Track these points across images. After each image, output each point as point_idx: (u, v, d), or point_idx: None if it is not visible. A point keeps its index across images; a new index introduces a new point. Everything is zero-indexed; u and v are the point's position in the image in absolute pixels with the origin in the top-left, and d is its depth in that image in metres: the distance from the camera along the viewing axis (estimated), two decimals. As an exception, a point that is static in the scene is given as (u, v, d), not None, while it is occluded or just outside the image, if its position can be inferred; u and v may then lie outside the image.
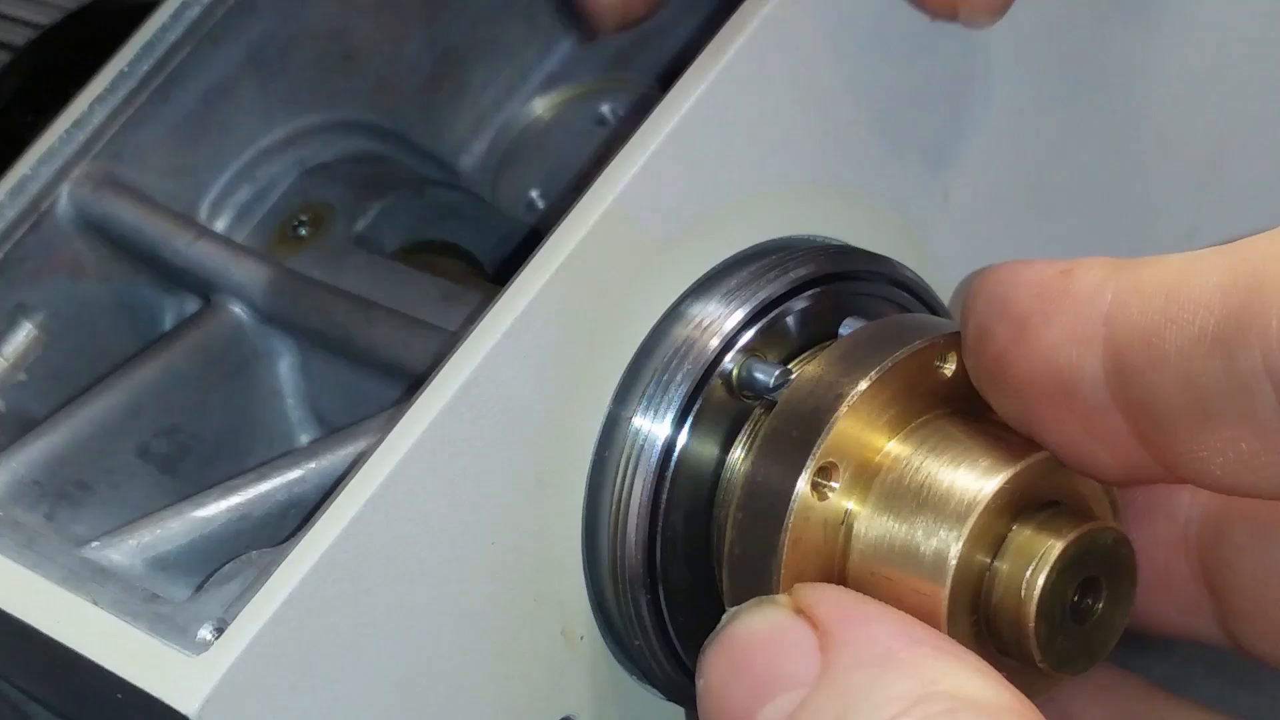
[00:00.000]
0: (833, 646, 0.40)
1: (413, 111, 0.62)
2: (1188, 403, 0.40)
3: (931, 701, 0.38)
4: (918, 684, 0.39)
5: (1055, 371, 0.43)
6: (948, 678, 0.39)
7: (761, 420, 0.47)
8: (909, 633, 0.41)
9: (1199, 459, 0.41)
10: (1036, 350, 0.43)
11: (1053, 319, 0.42)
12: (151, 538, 0.48)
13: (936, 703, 0.38)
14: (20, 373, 0.56)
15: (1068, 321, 0.42)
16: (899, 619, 0.41)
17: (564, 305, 0.46)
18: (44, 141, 0.56)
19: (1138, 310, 0.41)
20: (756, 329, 0.48)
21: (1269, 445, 0.40)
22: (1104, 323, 0.42)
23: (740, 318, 0.48)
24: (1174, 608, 0.48)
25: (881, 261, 0.50)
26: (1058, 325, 0.42)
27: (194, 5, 0.57)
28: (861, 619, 0.41)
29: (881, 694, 0.39)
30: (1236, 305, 0.39)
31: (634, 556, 0.47)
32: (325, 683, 0.44)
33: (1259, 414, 0.39)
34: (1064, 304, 0.42)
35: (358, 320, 0.53)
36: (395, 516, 0.44)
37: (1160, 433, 0.41)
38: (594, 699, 0.49)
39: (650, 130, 0.47)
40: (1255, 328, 0.39)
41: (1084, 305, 0.42)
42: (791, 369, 0.47)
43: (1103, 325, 0.42)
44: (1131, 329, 0.41)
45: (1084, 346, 0.42)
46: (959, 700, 0.38)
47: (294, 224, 0.58)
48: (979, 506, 0.44)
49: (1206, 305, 0.40)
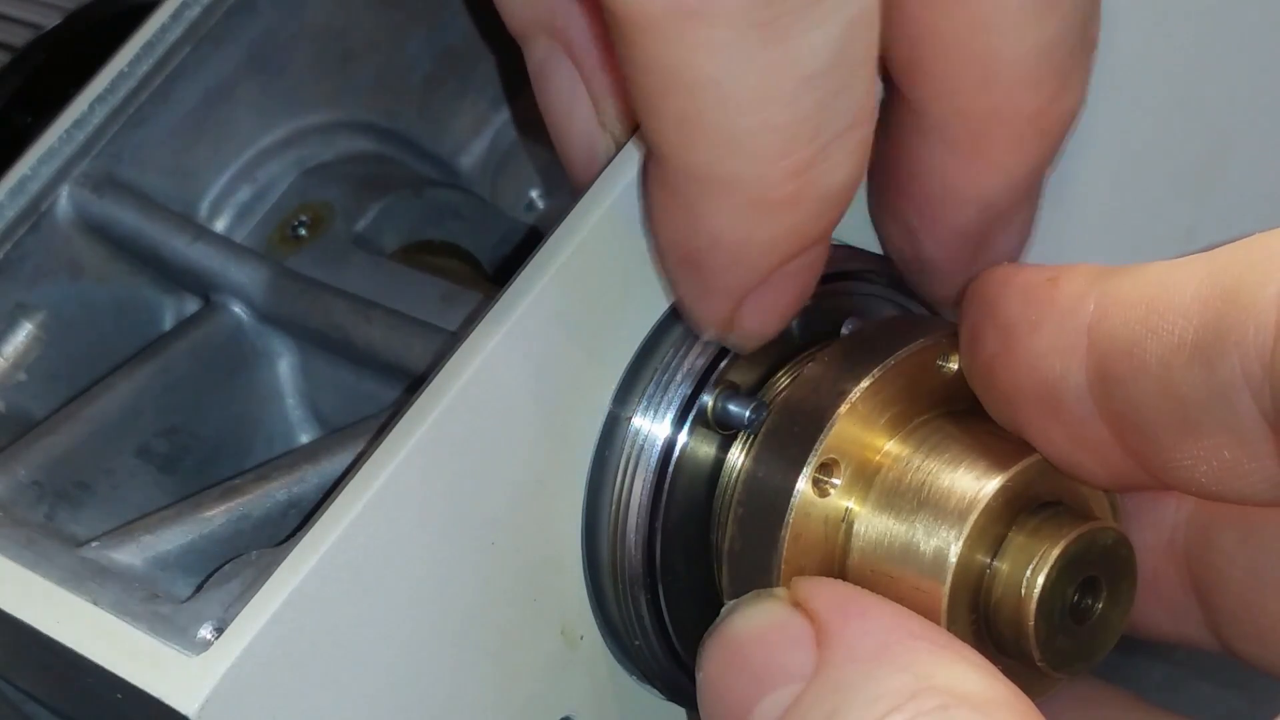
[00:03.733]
0: (829, 640, 0.41)
1: (413, 111, 0.62)
2: (1170, 412, 0.41)
3: (925, 697, 0.38)
4: (912, 679, 0.39)
5: (1040, 381, 0.43)
6: (942, 672, 0.39)
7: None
8: (905, 626, 0.41)
9: (1183, 467, 0.41)
10: (1023, 359, 0.43)
11: (1038, 328, 0.43)
12: (151, 538, 0.48)
13: (929, 698, 0.38)
14: (20, 373, 0.56)
15: (1052, 331, 0.42)
16: (895, 613, 0.41)
17: (564, 305, 0.46)
18: (44, 141, 0.56)
19: (1119, 321, 0.41)
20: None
21: (1251, 452, 0.40)
22: (1087, 333, 0.42)
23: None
24: (1163, 613, 0.48)
25: (882, 262, 0.50)
26: (1042, 335, 0.43)
27: (194, 5, 0.57)
28: (858, 613, 0.41)
29: (875, 689, 0.39)
30: (1215, 314, 0.39)
31: (634, 556, 0.47)
32: (325, 682, 0.44)
33: (1239, 422, 0.40)
34: (1049, 313, 0.43)
35: (357, 320, 0.53)
36: (395, 517, 0.44)
37: (1144, 441, 0.42)
38: (594, 699, 0.49)
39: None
40: (1233, 336, 0.39)
41: (1067, 316, 0.42)
42: (766, 401, 0.47)
43: (1085, 336, 0.42)
44: (1113, 340, 0.41)
45: (1068, 357, 0.42)
46: (953, 695, 0.38)
47: (293, 224, 0.58)
48: (979, 505, 0.44)
49: (1185, 315, 0.40)
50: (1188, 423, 0.41)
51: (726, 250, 0.43)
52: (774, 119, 0.40)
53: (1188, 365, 0.40)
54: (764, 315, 0.45)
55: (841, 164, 0.42)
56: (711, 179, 0.42)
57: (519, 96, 0.63)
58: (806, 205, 0.42)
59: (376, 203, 0.58)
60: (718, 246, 0.43)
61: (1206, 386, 0.40)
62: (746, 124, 0.40)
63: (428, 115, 0.62)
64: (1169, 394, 0.40)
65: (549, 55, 0.48)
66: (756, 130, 0.41)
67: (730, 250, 0.43)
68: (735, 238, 0.43)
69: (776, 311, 0.45)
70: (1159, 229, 0.59)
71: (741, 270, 0.44)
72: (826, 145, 0.41)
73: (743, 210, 0.42)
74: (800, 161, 0.41)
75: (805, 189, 0.42)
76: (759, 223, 0.42)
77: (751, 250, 0.43)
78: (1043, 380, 0.43)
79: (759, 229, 0.42)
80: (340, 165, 0.60)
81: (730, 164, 0.41)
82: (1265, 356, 0.39)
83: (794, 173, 0.41)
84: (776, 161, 0.41)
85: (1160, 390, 0.41)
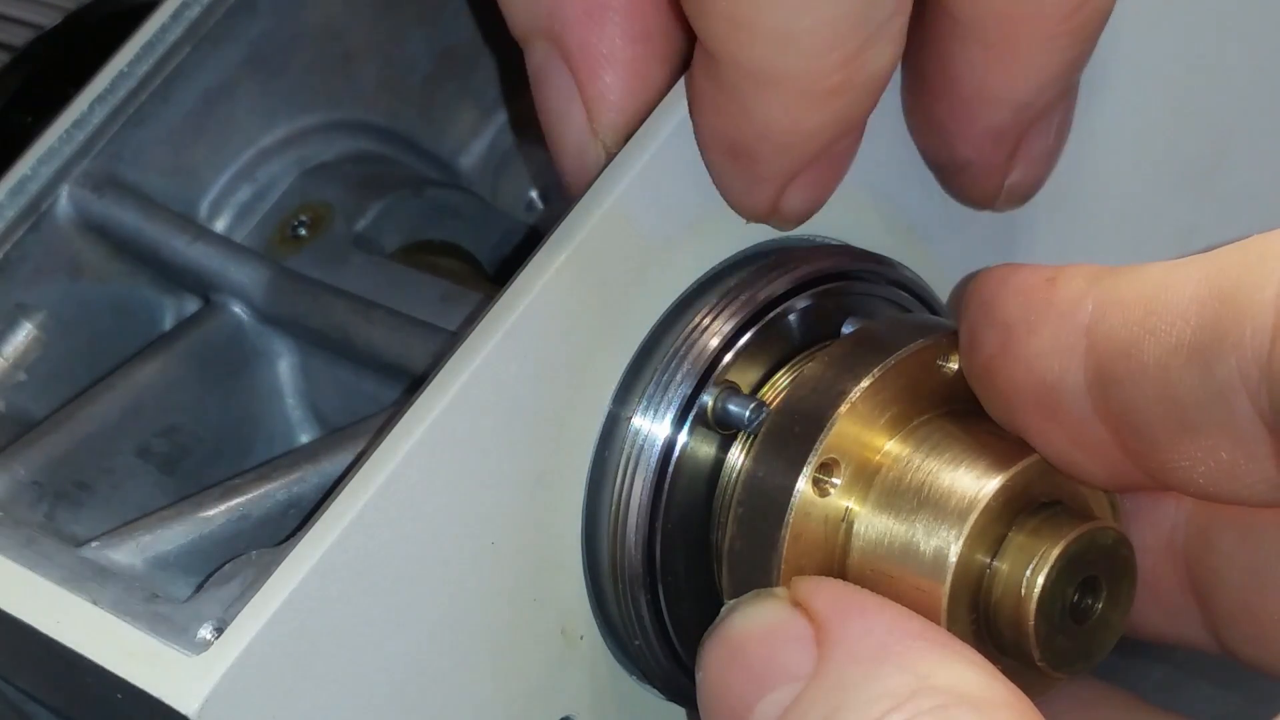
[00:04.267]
0: (828, 640, 0.41)
1: (413, 111, 0.62)
2: (1167, 413, 0.41)
3: (924, 696, 0.38)
4: (911, 679, 0.39)
5: (1039, 381, 0.43)
6: (941, 672, 0.39)
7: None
8: (905, 626, 0.41)
9: (1181, 468, 0.41)
10: (1021, 359, 0.43)
11: (1036, 329, 0.43)
12: (151, 538, 0.48)
13: (929, 698, 0.38)
14: (20, 373, 0.56)
15: (1050, 332, 0.43)
16: (895, 612, 0.41)
17: (564, 305, 0.46)
18: (44, 141, 0.56)
19: (1117, 322, 0.41)
20: (756, 329, 0.48)
21: (1248, 454, 0.40)
22: (1085, 334, 0.42)
23: (740, 318, 0.48)
24: (1162, 613, 0.48)
25: (882, 262, 0.50)
26: (1041, 335, 0.43)
27: (194, 5, 0.57)
28: (858, 612, 0.41)
29: (874, 689, 0.39)
30: (1212, 316, 0.39)
31: (634, 556, 0.47)
32: (325, 682, 0.44)
33: (1237, 423, 0.40)
34: (1047, 314, 0.43)
35: (357, 320, 0.53)
36: (395, 516, 0.44)
37: (1142, 442, 0.42)
38: (594, 699, 0.49)
39: (651, 131, 0.47)
40: (1230, 338, 0.39)
41: (1066, 317, 0.42)
42: (766, 402, 0.47)
43: (1084, 337, 0.42)
44: (1111, 341, 0.41)
45: (1066, 357, 0.42)
46: (952, 695, 0.38)
47: (293, 224, 0.58)
48: (979, 505, 0.44)
49: (1183, 316, 0.40)
50: (1185, 424, 0.41)
51: (775, 139, 0.45)
52: (826, 12, 0.42)
53: (1185, 367, 0.40)
54: (807, 196, 0.47)
55: (884, 50, 0.44)
56: (762, 73, 0.43)
57: (519, 97, 0.63)
58: (853, 92, 0.44)
59: (376, 203, 0.58)
60: (766, 136, 0.45)
61: (1204, 388, 0.40)
62: (800, 22, 0.42)
63: (428, 115, 0.62)
64: (1167, 395, 0.41)
65: (547, 59, 0.49)
66: (809, 26, 0.42)
67: (778, 138, 0.45)
68: (783, 127, 0.45)
69: (818, 191, 0.47)
70: (1159, 229, 0.59)
71: (788, 157, 0.46)
72: (872, 34, 0.43)
73: (792, 100, 0.44)
74: (848, 53, 0.43)
75: (852, 77, 0.43)
76: (807, 111, 0.44)
77: (798, 137, 0.45)
78: (1041, 380, 0.43)
79: (807, 117, 0.44)
80: (340, 165, 0.60)
81: (782, 60, 0.43)
82: (1262, 359, 0.39)
83: (842, 63, 0.43)
84: (826, 55, 0.43)
85: (1158, 391, 0.41)
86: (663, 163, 0.47)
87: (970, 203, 0.52)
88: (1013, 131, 0.49)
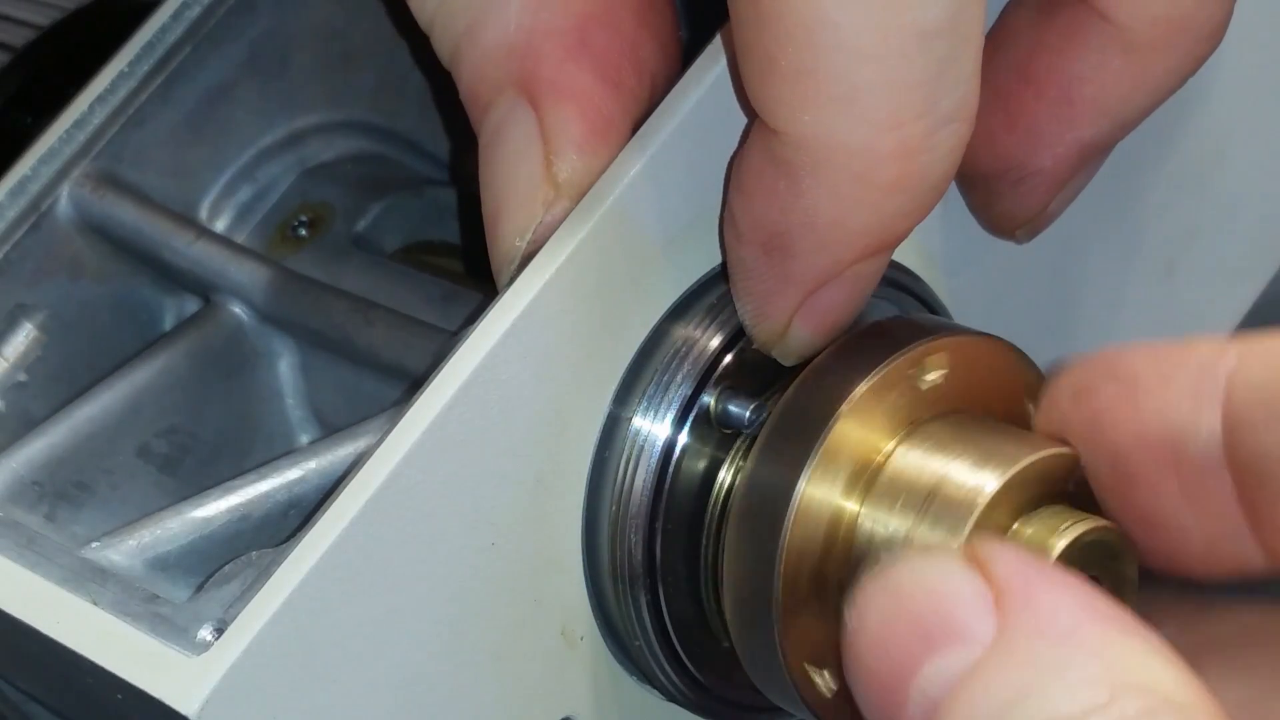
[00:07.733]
0: (1011, 608, 0.37)
1: (413, 111, 0.62)
2: None
3: (1128, 698, 0.36)
4: (1110, 672, 0.36)
5: (1166, 428, 0.42)
6: (1138, 666, 0.36)
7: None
8: (1095, 606, 0.37)
9: None
10: (1147, 407, 0.43)
11: (1171, 378, 0.42)
12: (151, 538, 0.48)
13: (1132, 699, 0.36)
14: (20, 373, 0.56)
15: (1188, 380, 0.42)
16: (1083, 589, 0.38)
17: (564, 305, 0.46)
18: (44, 141, 0.56)
19: (1261, 367, 0.41)
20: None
21: None
22: (1225, 381, 0.42)
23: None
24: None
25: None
26: (1177, 384, 0.42)
27: (194, 5, 0.57)
28: (1044, 584, 0.38)
29: (1068, 676, 0.36)
30: None
31: (634, 556, 0.47)
32: (325, 683, 0.44)
33: None
34: (1184, 362, 0.42)
35: (357, 320, 0.53)
36: (395, 517, 0.44)
37: (1266, 491, 0.41)
38: (594, 699, 0.49)
39: (651, 131, 0.47)
40: None
41: (1207, 364, 0.42)
42: (766, 401, 0.47)
43: (1224, 381, 0.42)
44: (1253, 388, 0.41)
45: (1203, 402, 0.42)
46: (1156, 698, 0.36)
47: (294, 224, 0.58)
48: (980, 505, 0.44)
49: None
50: None
51: (818, 231, 0.44)
52: (890, 73, 0.41)
53: None
54: (821, 318, 0.46)
55: (945, 155, 0.43)
56: (820, 144, 0.43)
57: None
58: (905, 192, 0.43)
59: (377, 203, 0.58)
60: (810, 226, 0.44)
61: None
62: (863, 75, 0.41)
63: (428, 115, 0.62)
64: None
65: (510, 111, 0.48)
66: (872, 83, 0.42)
67: (821, 232, 0.44)
68: (830, 218, 0.44)
69: (833, 316, 0.46)
70: (1160, 229, 0.59)
71: (825, 256, 0.45)
72: (936, 128, 0.42)
73: (845, 185, 0.43)
74: (909, 139, 0.42)
75: (910, 173, 0.43)
76: (858, 203, 0.43)
77: (842, 234, 0.44)
78: (1169, 427, 0.42)
79: (856, 211, 0.44)
80: (340, 165, 0.60)
81: (842, 126, 0.42)
82: None
83: (901, 153, 0.42)
84: (887, 131, 0.42)
85: None
86: (663, 163, 0.47)
87: (1000, 222, 0.51)
88: (1101, 147, 0.48)
